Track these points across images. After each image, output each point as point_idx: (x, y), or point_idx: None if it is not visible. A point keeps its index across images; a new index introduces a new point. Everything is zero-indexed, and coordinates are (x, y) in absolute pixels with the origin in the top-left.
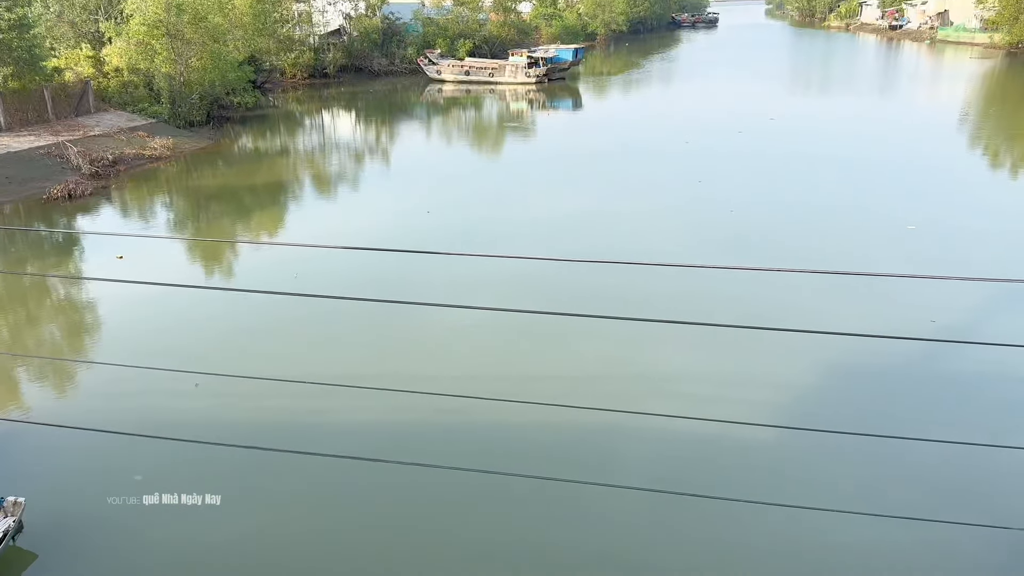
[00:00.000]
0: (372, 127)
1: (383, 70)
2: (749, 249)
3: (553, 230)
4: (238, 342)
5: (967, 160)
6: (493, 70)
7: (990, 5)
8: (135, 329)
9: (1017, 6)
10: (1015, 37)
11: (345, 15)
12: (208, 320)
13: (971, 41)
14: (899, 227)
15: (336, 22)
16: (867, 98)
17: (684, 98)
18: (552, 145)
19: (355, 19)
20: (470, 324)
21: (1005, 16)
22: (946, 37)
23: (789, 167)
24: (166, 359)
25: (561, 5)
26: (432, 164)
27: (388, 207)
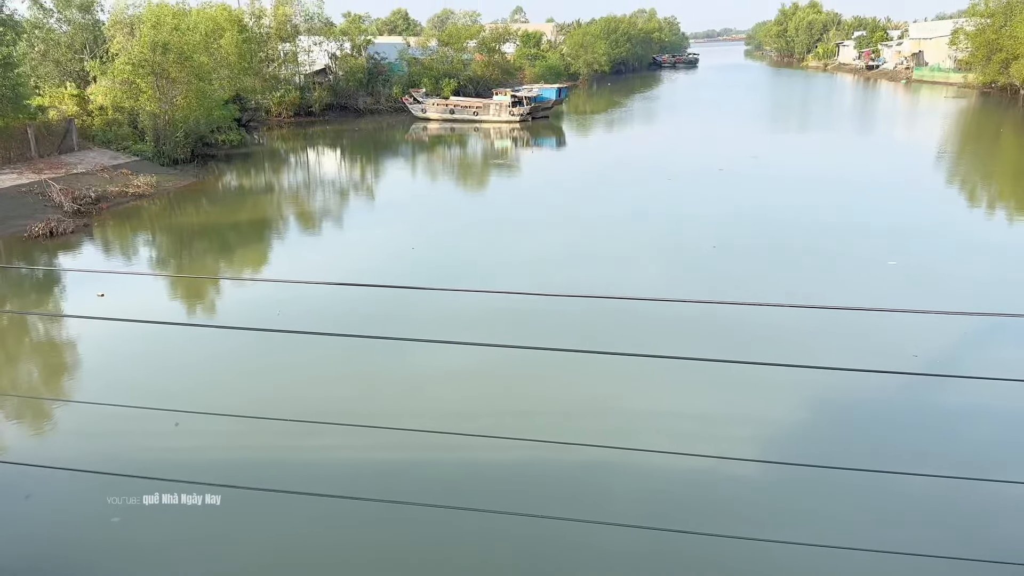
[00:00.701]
0: (357, 164)
1: (368, 108)
2: (732, 284)
3: (538, 265)
4: (220, 379)
5: (946, 197)
6: (478, 109)
7: (963, 46)
8: (115, 367)
9: (988, 47)
10: (988, 77)
11: (331, 55)
12: (190, 357)
13: (946, 81)
14: (880, 263)
15: (322, 61)
16: (847, 136)
17: (666, 136)
18: (536, 182)
19: (341, 59)
20: (456, 360)
21: (978, 57)
22: (921, 77)
23: (770, 203)
24: (146, 397)
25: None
26: (417, 200)
27: (373, 243)
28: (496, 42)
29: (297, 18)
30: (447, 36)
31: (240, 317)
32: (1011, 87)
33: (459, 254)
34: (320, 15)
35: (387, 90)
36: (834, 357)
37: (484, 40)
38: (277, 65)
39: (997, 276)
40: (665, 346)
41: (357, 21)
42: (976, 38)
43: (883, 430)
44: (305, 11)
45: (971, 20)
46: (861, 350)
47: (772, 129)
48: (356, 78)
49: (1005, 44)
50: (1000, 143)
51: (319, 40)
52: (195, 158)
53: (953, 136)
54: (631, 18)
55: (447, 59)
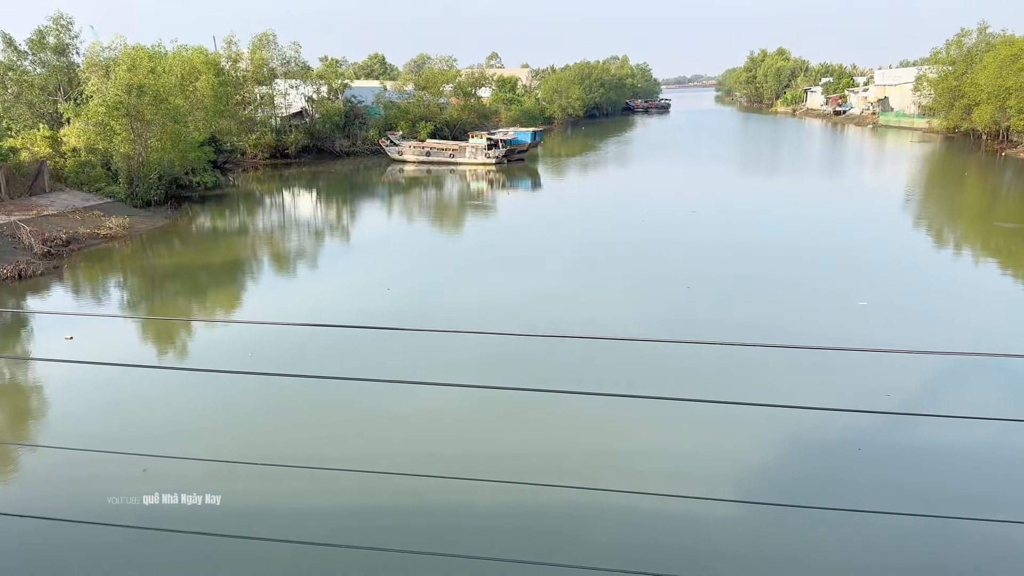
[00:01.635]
0: (333, 206)
1: (345, 151)
2: (706, 325)
3: (514, 306)
4: (190, 423)
5: (914, 239)
6: (454, 151)
7: (926, 93)
8: (83, 411)
9: (951, 94)
10: (951, 122)
11: (308, 98)
12: (159, 401)
13: (911, 126)
14: (851, 303)
15: (298, 104)
16: (817, 180)
17: (640, 179)
18: (512, 223)
19: (317, 102)
20: (432, 401)
21: (941, 103)
22: (887, 122)
23: (743, 245)
24: (114, 442)
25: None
26: (393, 242)
27: (348, 284)
28: (472, 86)
29: (274, 62)
30: (424, 80)
31: (211, 359)
32: (974, 132)
33: (435, 295)
34: (297, 59)
35: (364, 133)
36: (808, 396)
37: (460, 84)
38: (253, 108)
39: (965, 316)
40: (642, 386)
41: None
42: (939, 85)
43: (858, 469)
44: (282, 55)
45: (934, 67)
46: (834, 389)
47: (743, 172)
48: (333, 121)
49: (967, 91)
50: (965, 186)
51: (296, 83)
52: (169, 200)
53: (920, 180)
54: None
55: (424, 103)
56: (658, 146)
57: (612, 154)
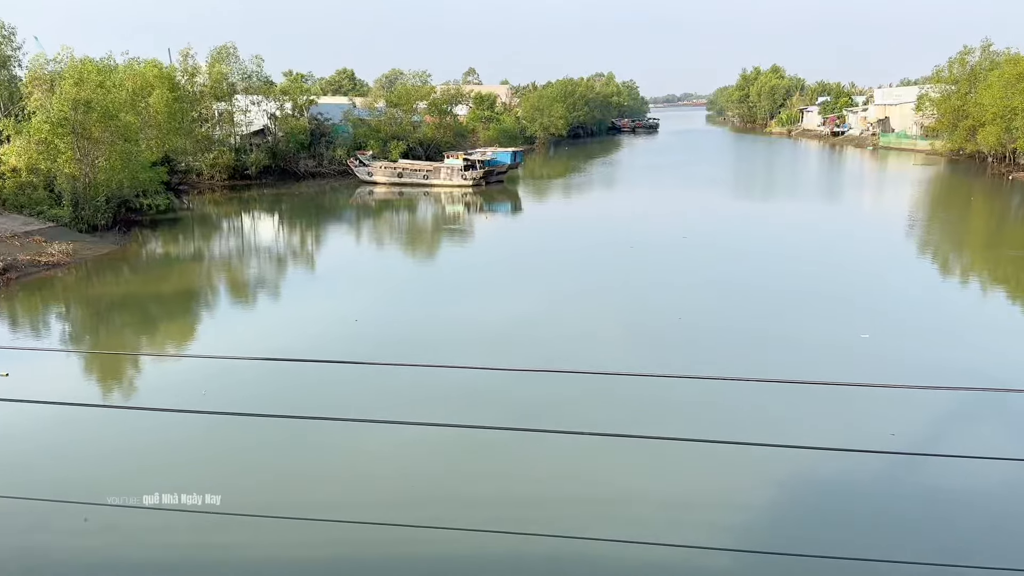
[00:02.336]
0: (296, 231)
1: (310, 171)
2: (698, 358)
3: (492, 338)
4: (138, 468)
5: (918, 268)
6: (428, 172)
7: (929, 113)
8: (18, 454)
9: (955, 114)
10: (955, 144)
11: (270, 115)
12: (103, 443)
13: (913, 148)
14: (852, 335)
15: (260, 122)
16: (815, 205)
17: (627, 203)
18: (490, 249)
19: (280, 119)
20: (403, 442)
21: (944, 124)
22: (888, 143)
23: (737, 273)
24: (53, 489)
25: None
26: (362, 269)
27: (312, 315)
28: (448, 103)
29: (234, 76)
30: (396, 97)
31: (162, 397)
32: (979, 154)
33: (406, 327)
34: (259, 73)
35: (331, 152)
36: (808, 435)
37: (435, 101)
38: (211, 125)
39: (973, 349)
40: (630, 424)
41: (299, 80)
42: (941, 105)
43: (862, 514)
44: (243, 69)
45: (936, 86)
46: (836, 427)
47: (737, 196)
48: (297, 139)
49: (971, 111)
50: (971, 212)
51: (258, 100)
52: (118, 224)
53: (923, 205)
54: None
55: (396, 121)
56: (646, 168)
57: (597, 176)
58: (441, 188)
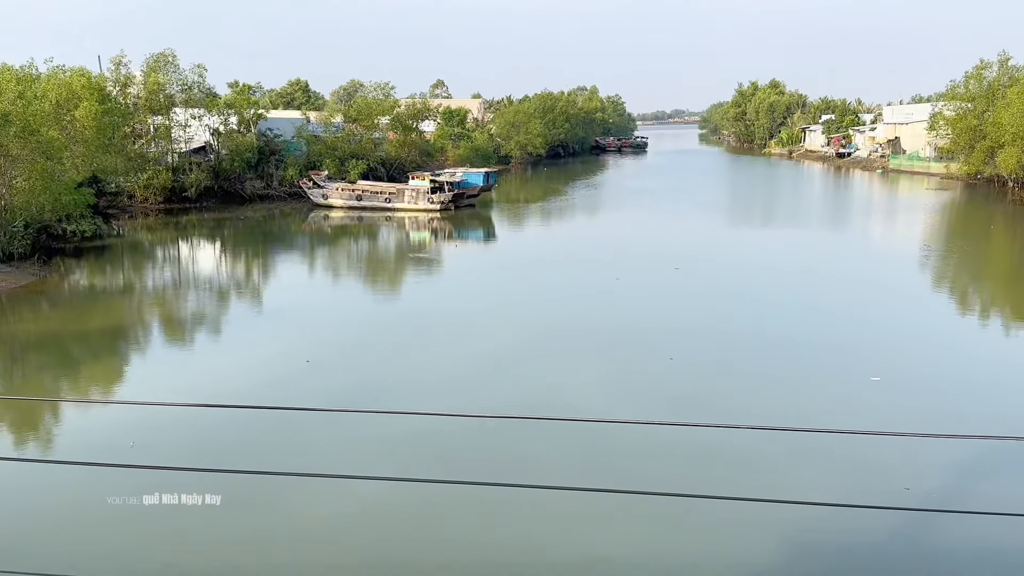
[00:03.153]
0: (241, 260)
1: (258, 193)
2: (691, 403)
3: (462, 381)
4: (53, 531)
5: (933, 304)
6: (390, 195)
7: (943, 133)
8: None
9: (971, 134)
10: (972, 167)
11: (213, 130)
12: (11, 502)
13: (926, 171)
14: (863, 378)
15: (201, 138)
16: (821, 234)
17: (613, 230)
18: (459, 281)
19: (225, 135)
20: (362, 499)
21: (960, 144)
22: (899, 166)
23: (735, 308)
24: None
25: (470, 124)
26: (315, 304)
27: (258, 356)
28: (413, 119)
29: (172, 87)
30: (355, 111)
31: (82, 449)
32: (998, 178)
33: (365, 368)
34: (201, 84)
35: (281, 172)
36: (813, 489)
37: (399, 116)
38: (146, 141)
39: (995, 393)
40: (618, 478)
41: (246, 92)
42: (957, 124)
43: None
44: (182, 79)
45: (950, 104)
46: (844, 481)
47: (734, 224)
48: (243, 158)
49: (989, 131)
50: (990, 242)
51: (199, 113)
52: (37, 253)
53: (938, 234)
54: (570, 96)
55: (354, 137)
56: (634, 191)
57: (580, 200)
58: (405, 212)
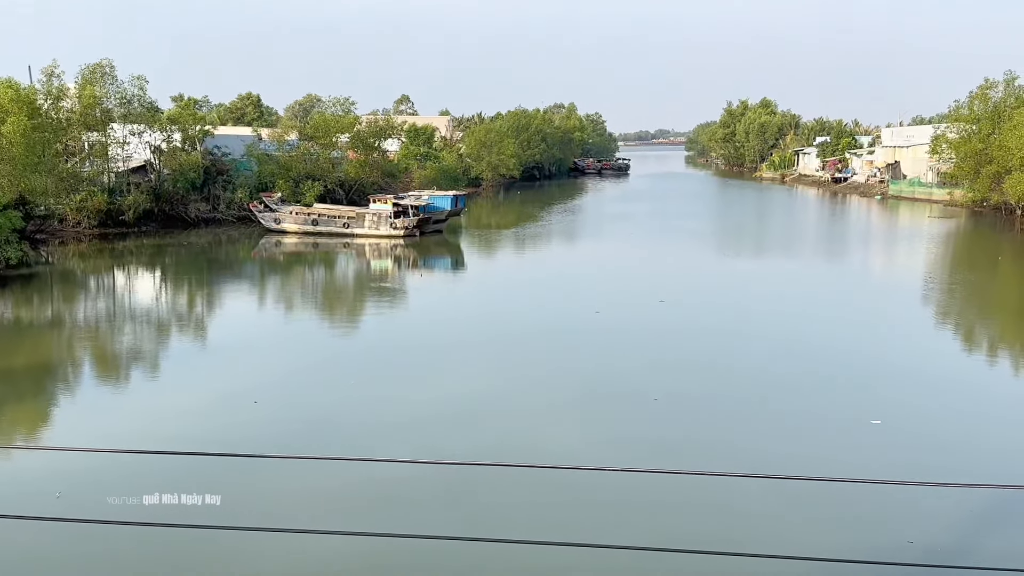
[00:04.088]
0: (183, 290)
1: (203, 217)
2: (678, 448)
3: (427, 424)
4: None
5: (937, 341)
6: (349, 219)
7: (946, 156)
8: None
9: (976, 158)
10: (978, 193)
11: (154, 148)
12: None
13: (928, 197)
14: (862, 421)
15: (141, 156)
16: (816, 264)
17: (593, 258)
18: (425, 314)
19: (168, 153)
20: (314, 555)
21: (964, 169)
22: (899, 192)
23: (724, 346)
24: None
25: (437, 143)
26: (264, 340)
27: (200, 396)
28: (375, 137)
29: (110, 101)
30: (312, 128)
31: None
32: (1006, 206)
33: (319, 409)
34: (142, 98)
35: (229, 194)
36: (809, 543)
37: (360, 134)
38: (79, 160)
39: (1005, 438)
40: (596, 531)
41: (191, 107)
42: (961, 147)
43: None
44: (121, 92)
45: (953, 126)
46: (842, 533)
47: (725, 254)
48: (187, 178)
49: (995, 155)
50: (998, 274)
51: (139, 129)
52: None
53: (942, 266)
54: (546, 114)
55: (311, 157)
56: (616, 217)
57: (557, 226)
58: (365, 239)
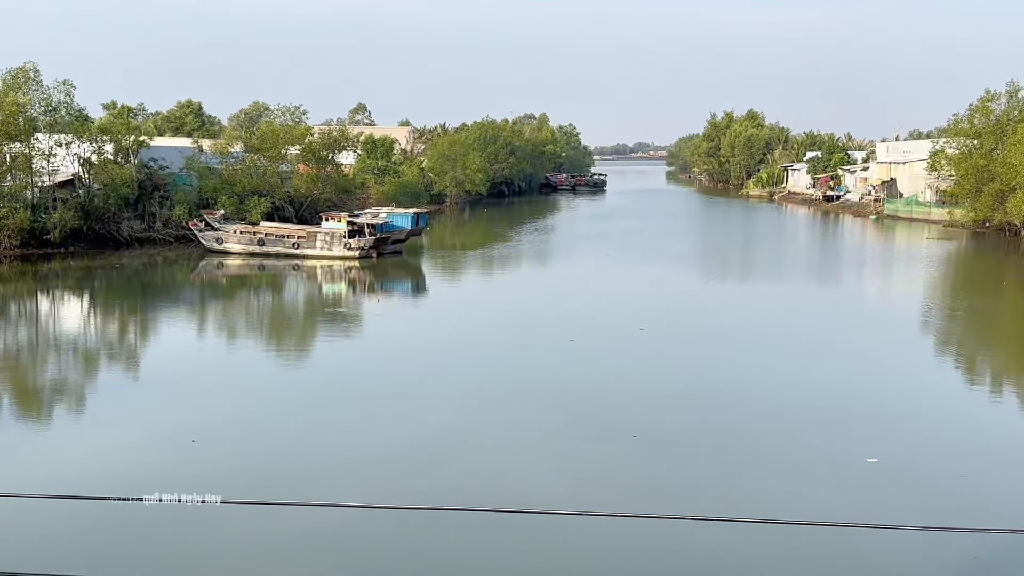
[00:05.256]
0: (115, 318)
1: (137, 237)
2: (657, 491)
3: (385, 465)
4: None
5: (938, 373)
6: (300, 239)
7: (945, 173)
8: None
9: (978, 175)
10: (980, 213)
11: (83, 160)
12: None
13: (926, 217)
14: (857, 460)
15: (69, 169)
16: (807, 289)
17: (566, 282)
18: (381, 344)
19: (98, 166)
20: None
21: (965, 187)
22: (895, 211)
23: (708, 378)
24: None
25: (397, 156)
26: (203, 371)
27: (131, 434)
28: (329, 149)
29: (34, 108)
30: (258, 140)
31: None
32: (1010, 227)
33: (264, 448)
34: (69, 105)
35: (166, 211)
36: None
37: (312, 146)
38: (0, 173)
39: (1009, 479)
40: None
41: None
42: (961, 164)
43: None
44: (46, 99)
45: (953, 140)
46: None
47: (710, 278)
48: (120, 193)
49: (998, 172)
50: (1002, 300)
51: (67, 140)
52: None
53: (942, 291)
54: (515, 125)
55: (257, 170)
56: (591, 238)
57: (528, 247)
58: (317, 260)
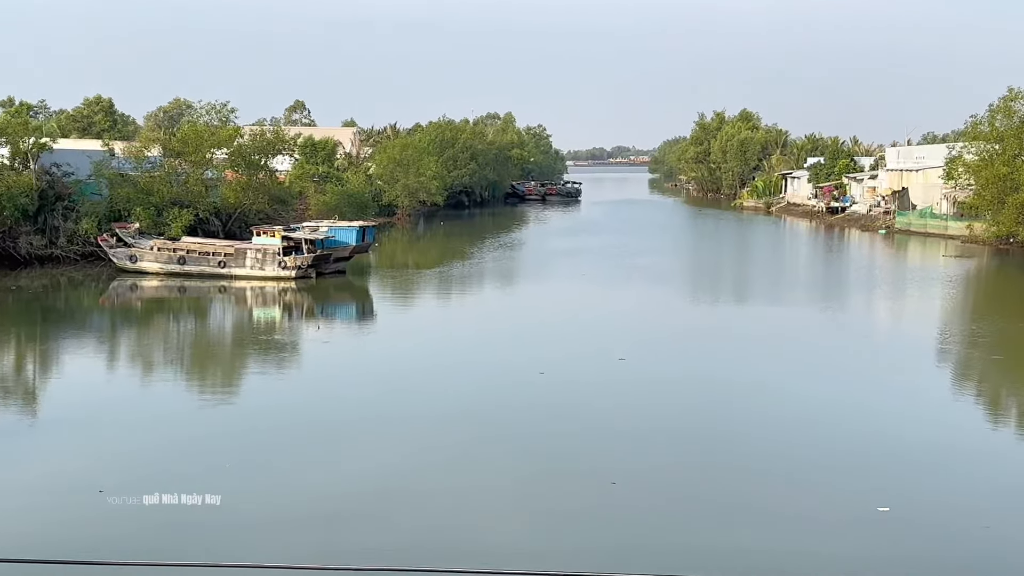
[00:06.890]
0: (9, 348)
1: (37, 254)
2: (639, 542)
3: (328, 518)
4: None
5: (954, 410)
6: (226, 256)
7: (963, 182)
8: None
9: (1000, 184)
10: (1003, 228)
11: None
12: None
13: (943, 232)
14: (866, 508)
15: None
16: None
17: (536, 306)
18: (321, 378)
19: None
20: None
21: (986, 198)
22: (908, 225)
23: (698, 415)
24: None
25: (340, 161)
26: (114, 410)
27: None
28: (261, 153)
29: None
30: (180, 142)
31: None
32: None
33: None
34: None
35: (72, 225)
36: None
37: (241, 149)
38: None
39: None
40: None
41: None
42: (981, 171)
43: None
44: None
45: (972, 145)
46: None
47: (700, 301)
48: (17, 205)
49: (1022, 181)
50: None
51: None
52: None
53: (962, 315)
54: (477, 126)
55: (178, 178)
56: (564, 254)
57: (491, 266)
58: (247, 281)
